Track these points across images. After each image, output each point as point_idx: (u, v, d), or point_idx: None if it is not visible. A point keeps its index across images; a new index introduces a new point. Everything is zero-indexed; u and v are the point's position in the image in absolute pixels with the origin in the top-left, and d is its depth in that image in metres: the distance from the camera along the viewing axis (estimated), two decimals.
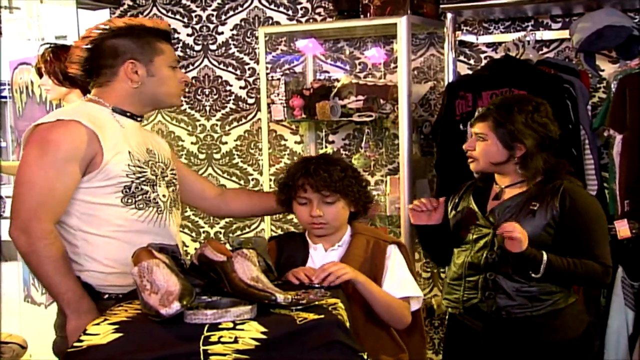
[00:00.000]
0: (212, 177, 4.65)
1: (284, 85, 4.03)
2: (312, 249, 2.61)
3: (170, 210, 2.49)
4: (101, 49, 2.39)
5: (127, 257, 2.24)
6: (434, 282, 4.15)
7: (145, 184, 2.39)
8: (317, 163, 2.54)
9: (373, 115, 3.79)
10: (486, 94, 3.50)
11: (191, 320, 1.89)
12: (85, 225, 2.35)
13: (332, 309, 2.03)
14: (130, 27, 2.40)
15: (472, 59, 4.00)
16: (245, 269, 2.04)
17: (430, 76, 4.12)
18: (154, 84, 2.43)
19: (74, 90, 3.40)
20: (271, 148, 4.29)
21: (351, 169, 2.62)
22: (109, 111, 2.42)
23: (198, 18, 4.65)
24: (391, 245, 2.61)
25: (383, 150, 4.13)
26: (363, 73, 4.24)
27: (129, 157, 2.36)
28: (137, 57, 2.39)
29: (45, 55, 3.41)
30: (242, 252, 2.08)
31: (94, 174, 2.31)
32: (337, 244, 2.60)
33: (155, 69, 2.42)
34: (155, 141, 2.58)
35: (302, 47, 4.24)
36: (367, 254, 2.56)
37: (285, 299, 1.96)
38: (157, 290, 1.93)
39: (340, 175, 2.52)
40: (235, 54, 4.57)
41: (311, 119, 4.04)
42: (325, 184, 2.50)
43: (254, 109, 4.53)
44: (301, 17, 4.39)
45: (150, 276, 1.97)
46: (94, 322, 1.93)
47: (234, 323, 1.88)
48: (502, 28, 3.94)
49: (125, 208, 2.36)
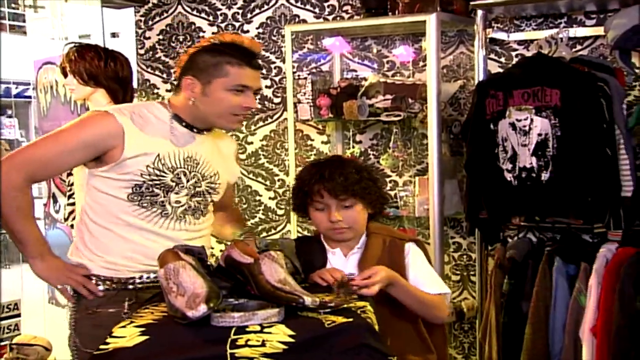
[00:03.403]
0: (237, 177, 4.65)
1: (311, 85, 4.04)
2: (331, 254, 2.60)
3: (181, 217, 2.53)
4: (189, 60, 2.51)
5: (119, 250, 2.47)
6: (464, 284, 4.14)
7: (158, 187, 2.47)
8: (331, 167, 2.54)
9: (401, 114, 3.79)
10: (517, 92, 3.48)
11: (218, 323, 1.90)
12: (92, 212, 2.51)
13: (361, 311, 2.04)
14: (217, 45, 2.48)
15: (502, 57, 3.98)
16: (273, 271, 2.06)
17: (459, 75, 4.10)
18: (206, 104, 2.49)
19: (99, 89, 3.41)
20: (297, 148, 4.30)
21: (365, 170, 2.62)
22: (169, 116, 2.54)
23: (223, 16, 4.67)
24: (408, 243, 2.61)
25: (411, 150, 4.12)
26: (391, 72, 4.24)
27: (154, 160, 2.46)
28: (198, 74, 2.48)
29: (69, 54, 3.43)
30: (270, 254, 2.10)
31: (111, 166, 2.44)
32: (356, 247, 2.60)
33: (210, 90, 2.47)
34: (219, 152, 2.65)
35: (329, 45, 4.25)
36: (385, 254, 2.56)
37: (313, 302, 1.96)
38: (184, 293, 1.95)
39: (356, 178, 2.52)
40: (261, 53, 4.55)
41: (338, 118, 4.05)
42: (342, 189, 2.50)
43: (280, 108, 4.54)
44: (328, 14, 4.40)
45: (176, 278, 1.99)
46: (120, 324, 1.95)
47: (262, 326, 1.89)
48: (534, 25, 3.91)
49: (128, 203, 2.47)
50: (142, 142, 2.44)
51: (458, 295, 4.14)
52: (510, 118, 3.49)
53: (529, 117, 3.44)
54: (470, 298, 4.08)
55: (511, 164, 3.50)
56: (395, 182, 4.25)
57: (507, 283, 3.58)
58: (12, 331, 4.14)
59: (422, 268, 2.57)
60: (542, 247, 3.59)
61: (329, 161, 2.65)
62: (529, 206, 3.50)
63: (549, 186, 3.41)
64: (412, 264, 2.56)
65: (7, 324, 4.13)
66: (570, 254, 3.46)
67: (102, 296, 2.49)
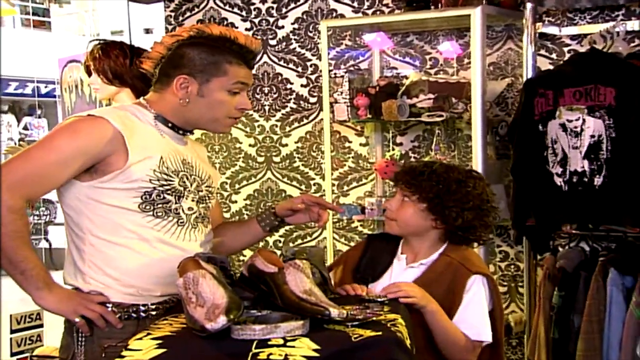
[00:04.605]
0: (271, 181, 4.68)
1: (348, 83, 4.03)
2: (397, 259, 2.61)
3: (195, 225, 2.44)
4: (173, 53, 2.39)
5: (135, 267, 2.31)
6: (512, 296, 4.10)
7: (169, 193, 2.36)
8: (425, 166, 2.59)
9: (444, 115, 3.76)
10: (568, 91, 3.44)
11: (238, 336, 1.89)
12: (97, 228, 2.34)
13: (391, 325, 2.02)
14: (212, 38, 2.38)
15: (554, 53, 3.93)
16: (298, 281, 2.04)
17: (507, 72, 4.06)
18: (202, 106, 2.40)
19: (124, 89, 3.43)
20: (334, 150, 4.30)
21: (459, 183, 2.54)
22: (152, 117, 2.43)
23: (257, 11, 4.69)
24: (475, 275, 2.51)
25: (455, 153, 4.09)
26: (434, 69, 4.21)
27: (159, 163, 2.35)
28: (194, 72, 2.37)
29: (94, 52, 3.44)
30: (295, 263, 2.09)
31: (113, 175, 2.30)
32: (419, 262, 2.57)
33: (208, 90, 2.38)
34: (199, 156, 2.57)
35: (370, 41, 4.23)
36: (446, 279, 2.50)
37: (340, 314, 1.95)
38: (203, 303, 1.95)
39: (429, 178, 2.52)
40: (296, 50, 4.59)
41: (377, 119, 4.03)
42: (404, 173, 2.56)
43: (316, 108, 4.54)
44: (367, 9, 4.39)
45: (195, 288, 1.98)
46: (136, 336, 1.96)
47: (285, 339, 1.88)
48: (588, 18, 3.86)
49: (141, 214, 2.34)
50: (143, 144, 2.33)
51: (505, 308, 4.09)
52: (560, 118, 3.45)
53: (580, 118, 3.40)
54: (518, 311, 4.04)
55: (561, 167, 3.47)
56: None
57: (557, 295, 3.54)
58: (34, 342, 4.18)
59: (475, 308, 2.48)
60: (596, 257, 3.54)
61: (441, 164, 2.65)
62: (581, 213, 3.46)
63: (602, 191, 3.37)
64: (468, 300, 2.48)
65: (28, 335, 4.16)
66: (626, 264, 3.40)
67: (121, 327, 2.32)
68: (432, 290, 2.43)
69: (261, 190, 4.75)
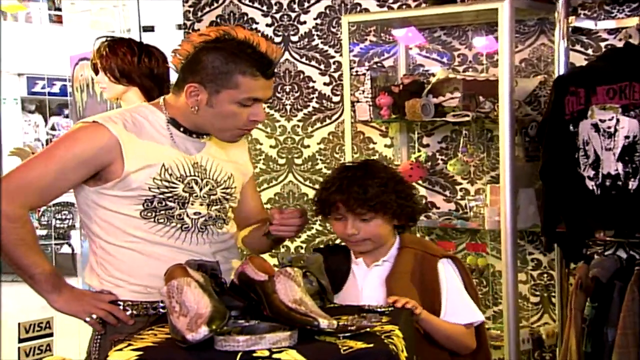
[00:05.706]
0: (292, 184, 4.68)
1: (370, 81, 4.02)
2: (354, 264, 2.67)
3: (203, 229, 2.49)
4: (193, 56, 2.42)
5: (145, 269, 2.42)
6: (544, 307, 4.05)
7: (171, 200, 2.43)
8: (352, 177, 2.59)
9: (469, 114, 3.73)
10: (601, 89, 3.40)
11: (222, 347, 1.90)
12: (104, 233, 2.47)
13: (386, 336, 2.00)
14: (230, 44, 2.39)
15: (590, 49, 3.88)
16: (288, 290, 2.04)
17: (540, 69, 4.01)
18: (210, 116, 2.43)
19: (132, 88, 3.43)
20: (358, 152, 4.29)
21: (394, 180, 2.64)
22: (164, 120, 2.49)
23: (278, 6, 4.70)
24: (442, 259, 2.64)
25: (484, 155, 4.05)
26: (462, 66, 4.18)
27: (160, 171, 2.41)
28: (204, 82, 2.39)
29: (101, 49, 3.45)
30: (286, 271, 2.08)
31: (114, 183, 2.40)
32: (381, 259, 2.65)
33: (217, 101, 2.40)
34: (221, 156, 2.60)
35: (400, 37, 4.20)
36: (416, 271, 2.61)
37: (330, 325, 1.94)
38: (187, 313, 1.95)
39: (377, 191, 2.56)
40: (319, 46, 4.59)
41: (401, 119, 4.01)
42: (358, 203, 2.56)
43: (340, 108, 4.53)
44: (393, 2, 4.37)
45: (179, 297, 1.99)
46: (116, 347, 1.97)
47: (270, 351, 1.88)
48: (627, 11, 3.80)
49: (143, 221, 2.43)
50: (142, 153, 2.40)
51: (537, 319, 4.05)
52: (592, 118, 3.42)
53: (614, 117, 3.38)
54: (551, 322, 3.98)
55: (593, 170, 3.44)
56: (466, 191, 4.19)
57: (590, 307, 3.49)
58: (43, 352, 4.21)
59: (455, 294, 2.61)
60: (632, 266, 3.49)
61: (354, 168, 2.67)
62: (614, 219, 3.44)
63: (637, 196, 3.34)
64: (445, 287, 2.61)
65: (37, 344, 4.19)
66: None
67: (132, 324, 2.44)
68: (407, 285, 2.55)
69: (282, 194, 4.75)
